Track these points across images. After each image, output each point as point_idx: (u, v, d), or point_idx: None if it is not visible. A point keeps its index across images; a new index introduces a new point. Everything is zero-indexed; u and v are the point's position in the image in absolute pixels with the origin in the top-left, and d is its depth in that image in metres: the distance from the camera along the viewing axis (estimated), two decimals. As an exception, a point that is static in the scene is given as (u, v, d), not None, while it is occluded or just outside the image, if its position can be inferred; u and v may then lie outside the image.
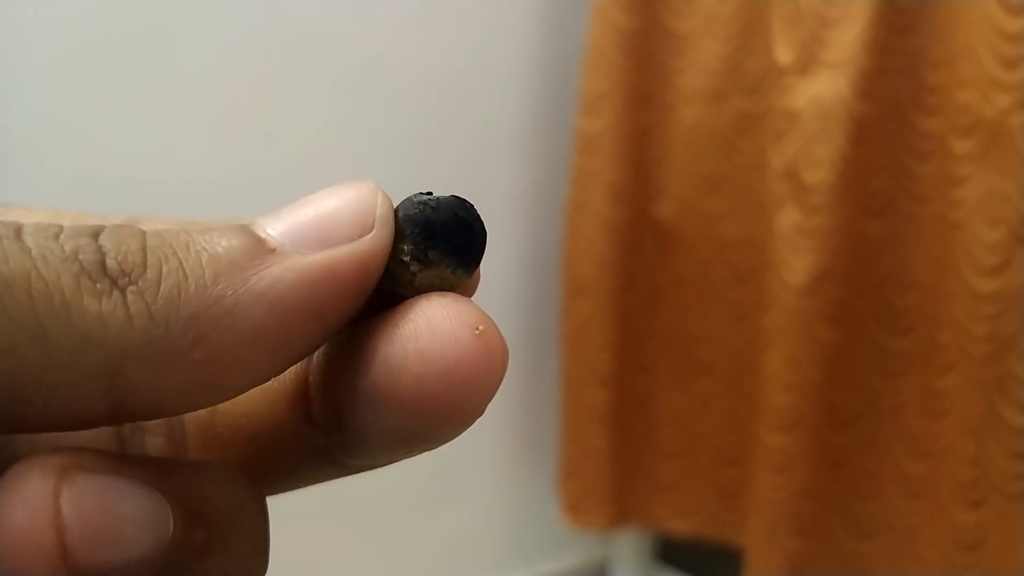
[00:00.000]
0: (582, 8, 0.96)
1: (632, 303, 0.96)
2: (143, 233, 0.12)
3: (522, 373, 1.04)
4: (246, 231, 0.13)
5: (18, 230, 0.12)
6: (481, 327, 0.13)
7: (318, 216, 0.13)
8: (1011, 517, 0.74)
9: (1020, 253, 0.72)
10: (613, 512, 1.00)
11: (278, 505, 0.15)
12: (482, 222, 0.15)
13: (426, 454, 0.14)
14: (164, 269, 0.12)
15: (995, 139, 0.72)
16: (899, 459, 0.82)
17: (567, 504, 1.02)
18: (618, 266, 0.95)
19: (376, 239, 0.13)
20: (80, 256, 0.12)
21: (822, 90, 0.79)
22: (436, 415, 0.13)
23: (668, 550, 1.13)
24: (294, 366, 0.14)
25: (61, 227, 0.12)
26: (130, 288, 0.12)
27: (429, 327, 0.13)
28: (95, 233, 0.12)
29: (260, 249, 0.13)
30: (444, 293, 0.14)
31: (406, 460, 0.15)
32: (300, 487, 0.16)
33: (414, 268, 0.14)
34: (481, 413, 0.13)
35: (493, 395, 0.13)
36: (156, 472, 0.12)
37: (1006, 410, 0.73)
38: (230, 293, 0.12)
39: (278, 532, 0.15)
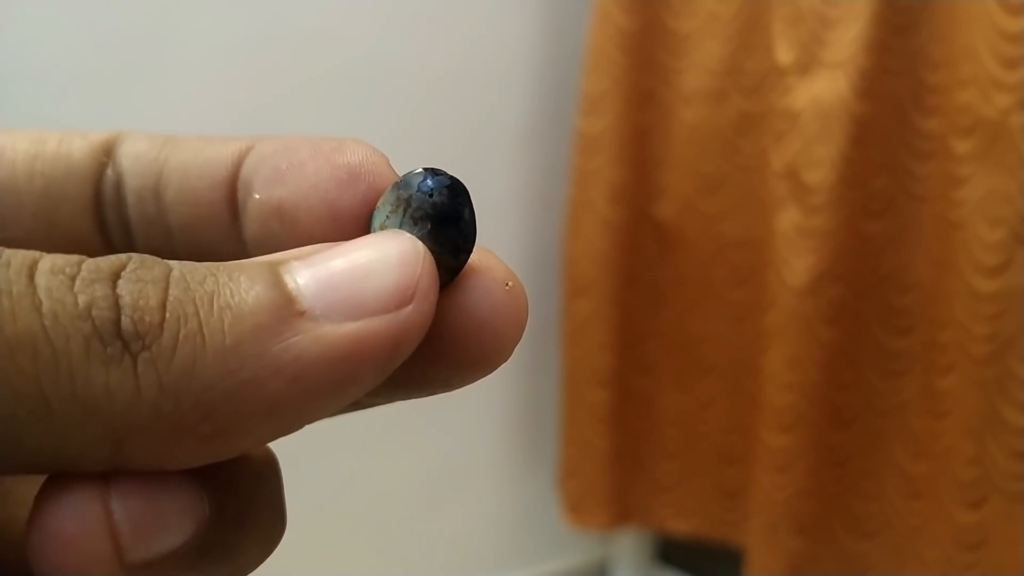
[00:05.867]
0: (582, 8, 0.96)
1: (632, 303, 0.96)
2: (167, 278, 0.12)
3: (522, 373, 1.04)
4: (276, 280, 0.12)
5: (32, 269, 0.11)
6: (510, 283, 0.14)
7: (353, 273, 0.12)
8: (1011, 517, 0.74)
9: (1020, 253, 0.72)
10: (613, 512, 1.00)
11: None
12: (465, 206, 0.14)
13: (426, 455, 0.14)
14: (182, 334, 0.11)
15: (995, 139, 0.72)
16: (899, 459, 0.82)
17: (567, 504, 1.01)
18: (618, 266, 0.95)
19: (415, 315, 0.12)
20: (94, 312, 0.11)
21: (822, 90, 0.79)
22: (468, 363, 0.14)
23: (668, 550, 1.13)
24: None
25: (79, 265, 0.11)
26: (142, 355, 0.11)
27: (464, 283, 0.14)
28: (115, 275, 0.11)
29: (287, 312, 0.12)
30: (477, 251, 0.14)
31: (406, 461, 0.15)
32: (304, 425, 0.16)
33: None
34: (506, 360, 0.14)
35: (517, 344, 0.14)
36: None
37: (1006, 410, 0.73)
38: (249, 365, 0.11)
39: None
